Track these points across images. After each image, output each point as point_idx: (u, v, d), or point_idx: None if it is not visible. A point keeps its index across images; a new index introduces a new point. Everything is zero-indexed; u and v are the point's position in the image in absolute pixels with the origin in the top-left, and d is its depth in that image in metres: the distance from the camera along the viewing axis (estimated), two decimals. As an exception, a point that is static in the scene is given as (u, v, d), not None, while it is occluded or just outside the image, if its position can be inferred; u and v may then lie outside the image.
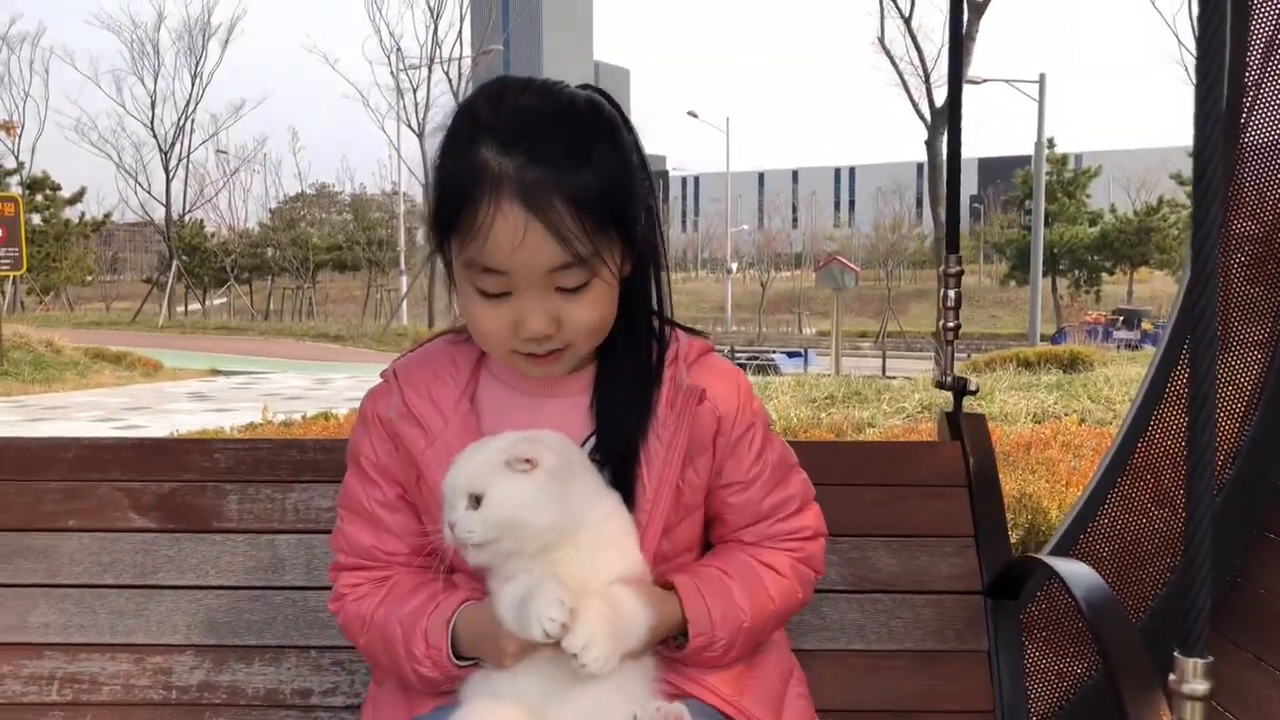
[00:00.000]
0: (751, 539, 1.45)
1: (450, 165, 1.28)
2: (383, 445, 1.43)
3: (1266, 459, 2.55)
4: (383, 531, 1.43)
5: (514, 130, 1.25)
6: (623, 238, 1.32)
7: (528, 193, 1.23)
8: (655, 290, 1.43)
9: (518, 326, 1.30)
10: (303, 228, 48.42)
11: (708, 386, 1.40)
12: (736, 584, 1.39)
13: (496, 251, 1.25)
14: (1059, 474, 5.43)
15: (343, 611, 1.45)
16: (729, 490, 1.43)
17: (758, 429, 1.45)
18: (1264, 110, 2.52)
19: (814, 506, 1.50)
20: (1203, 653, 1.09)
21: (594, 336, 1.35)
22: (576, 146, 1.27)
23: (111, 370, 18.79)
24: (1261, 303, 2.58)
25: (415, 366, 1.44)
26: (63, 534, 1.94)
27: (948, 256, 2.05)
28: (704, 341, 1.47)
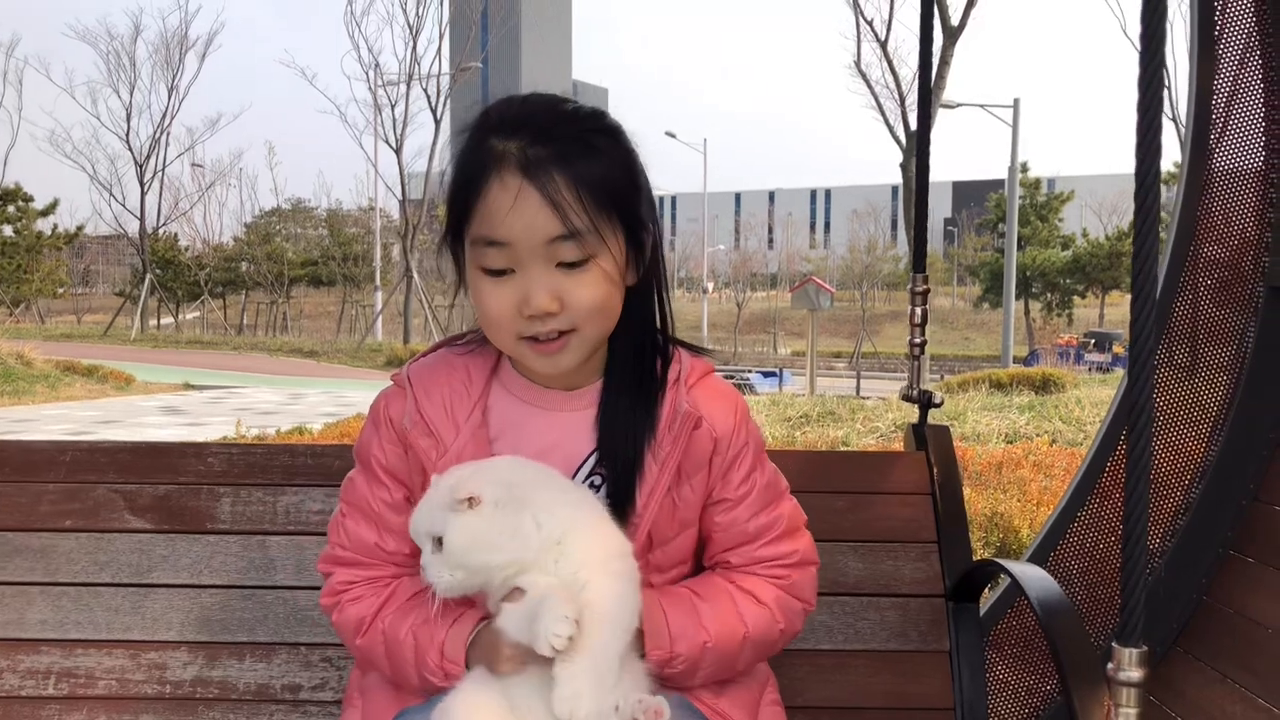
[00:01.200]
0: (738, 561, 1.49)
1: (461, 157, 1.36)
2: (393, 449, 1.46)
3: (1232, 480, 2.63)
4: (386, 531, 1.46)
5: (520, 120, 1.34)
6: (625, 231, 1.37)
7: (527, 165, 1.30)
8: (659, 307, 1.48)
9: (522, 305, 1.34)
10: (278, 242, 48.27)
11: (706, 409, 1.46)
12: (705, 605, 1.43)
13: (495, 219, 1.32)
14: (1030, 493, 5.53)
15: (339, 610, 1.46)
16: (717, 508, 1.48)
17: (749, 451, 1.50)
18: (1231, 138, 2.61)
19: (805, 534, 1.54)
20: (1138, 643, 1.18)
21: (597, 320, 1.38)
22: (580, 136, 1.34)
23: (83, 383, 18.68)
24: (1228, 326, 2.66)
25: (429, 375, 1.47)
26: (60, 534, 2.00)
27: (914, 276, 2.15)
28: (706, 362, 1.52)
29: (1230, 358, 2.65)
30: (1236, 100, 2.61)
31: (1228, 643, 2.56)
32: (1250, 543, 2.60)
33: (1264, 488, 2.60)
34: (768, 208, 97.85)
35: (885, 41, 26.08)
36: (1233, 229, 2.64)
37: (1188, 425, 2.72)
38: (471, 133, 1.37)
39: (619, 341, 1.45)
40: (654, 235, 1.43)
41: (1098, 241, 40.95)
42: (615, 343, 1.46)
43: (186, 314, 47.15)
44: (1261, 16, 2.54)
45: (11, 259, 37.95)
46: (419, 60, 35.08)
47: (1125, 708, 1.16)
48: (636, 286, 1.43)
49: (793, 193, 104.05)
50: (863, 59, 26.83)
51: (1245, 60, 2.59)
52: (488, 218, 1.33)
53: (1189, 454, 2.70)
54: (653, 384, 1.46)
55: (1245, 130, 2.59)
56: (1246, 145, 2.59)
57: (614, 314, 1.40)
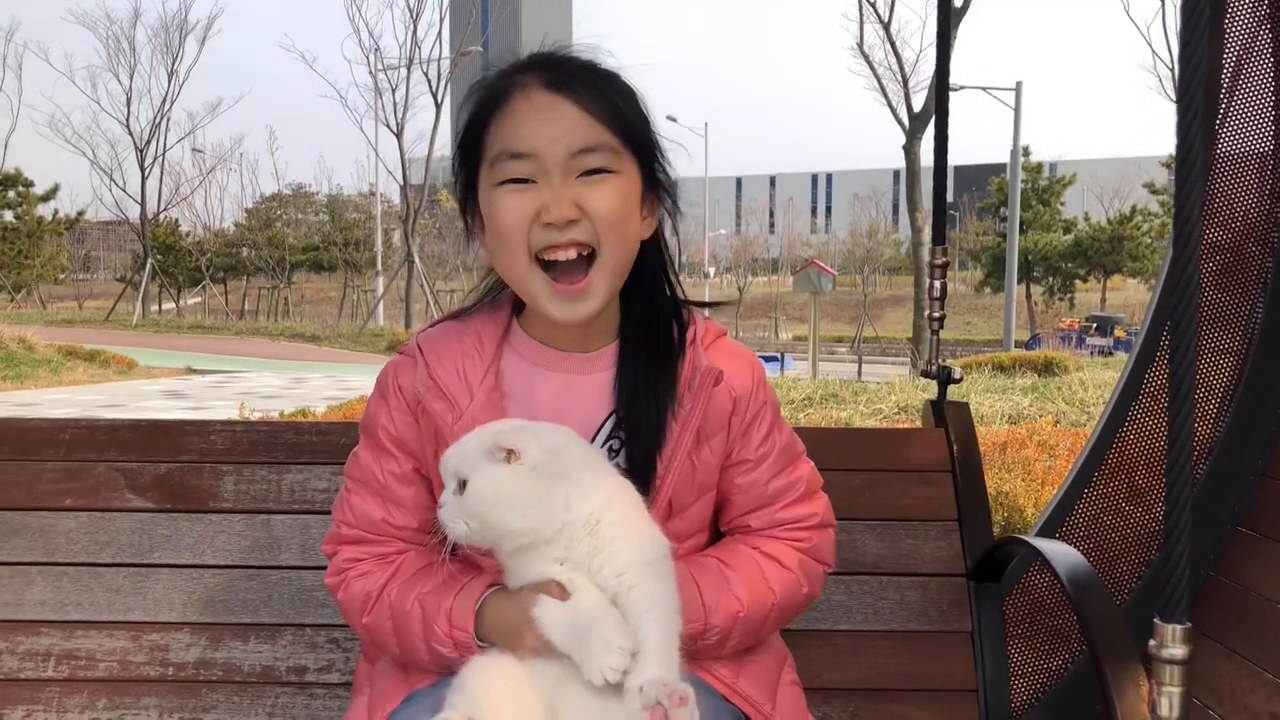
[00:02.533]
0: (759, 524, 1.46)
1: (479, 95, 1.38)
2: (402, 417, 1.43)
3: (1238, 456, 2.61)
4: (393, 505, 1.43)
5: (540, 60, 1.37)
6: (641, 165, 1.38)
7: (555, 83, 1.34)
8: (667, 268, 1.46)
9: (542, 212, 1.32)
10: (279, 228, 48.15)
11: (724, 368, 1.43)
12: (735, 574, 1.40)
13: (523, 132, 1.32)
14: (1034, 473, 5.49)
15: (344, 587, 1.42)
16: (737, 470, 1.45)
17: (768, 410, 1.47)
18: (1235, 122, 2.58)
19: (822, 496, 1.51)
20: (1182, 619, 1.14)
21: (616, 238, 1.35)
22: (598, 75, 1.37)
23: (85, 368, 18.65)
24: (1232, 310, 2.63)
25: (440, 341, 1.44)
26: (60, 513, 1.96)
27: (934, 249, 2.10)
28: (717, 324, 1.49)
29: (1234, 343, 2.62)
30: (1240, 86, 2.57)
31: (1236, 618, 2.54)
32: (1258, 518, 2.57)
33: (1272, 463, 2.57)
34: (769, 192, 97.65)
35: (888, 23, 25.92)
36: (1235, 213, 2.61)
37: (1200, 403, 2.68)
38: (485, 80, 1.38)
39: (633, 302, 1.43)
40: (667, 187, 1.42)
41: (1099, 225, 40.83)
42: (629, 303, 1.43)
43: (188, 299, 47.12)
44: None
45: (12, 244, 37.90)
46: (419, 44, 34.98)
47: (1169, 686, 1.12)
48: (648, 244, 1.42)
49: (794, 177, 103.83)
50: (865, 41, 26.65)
51: (1252, 42, 2.55)
52: (510, 132, 1.34)
53: (1196, 433, 2.67)
54: (670, 343, 1.43)
55: (1251, 112, 2.55)
56: (1253, 128, 2.55)
57: (631, 242, 1.38)
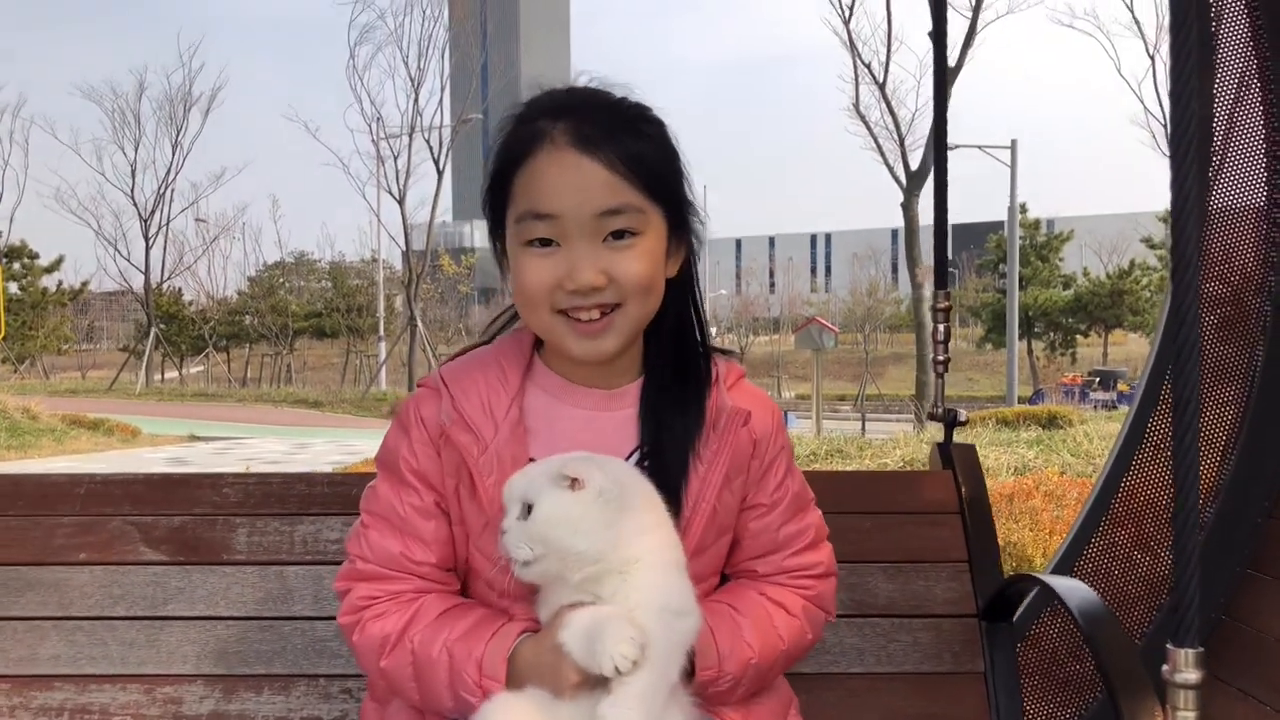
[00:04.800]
0: (766, 570, 1.47)
1: (508, 138, 1.37)
2: (424, 450, 1.41)
3: (1244, 500, 2.62)
4: (412, 539, 1.40)
5: (569, 104, 1.36)
6: (668, 215, 1.37)
7: (582, 140, 1.32)
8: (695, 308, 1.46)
9: (565, 279, 1.32)
10: (281, 295, 48.39)
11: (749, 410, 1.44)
12: (747, 621, 1.40)
13: (549, 193, 1.31)
14: (1042, 523, 5.49)
15: (360, 629, 1.39)
16: (751, 513, 1.46)
17: (784, 455, 1.48)
18: (1229, 176, 2.63)
19: (828, 545, 1.52)
20: (1194, 643, 1.15)
21: (643, 297, 1.36)
22: (626, 119, 1.36)
23: (89, 436, 18.65)
24: (1233, 361, 2.66)
25: (463, 374, 1.44)
26: (74, 567, 1.97)
27: (936, 292, 2.13)
28: (737, 366, 1.50)
29: (1237, 391, 2.65)
30: (1234, 135, 2.62)
31: (1249, 661, 2.53)
32: (1267, 561, 2.58)
33: (1279, 506, 2.58)
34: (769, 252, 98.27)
35: (883, 84, 26.28)
36: (1233, 266, 2.65)
37: (1204, 449, 2.69)
38: (516, 119, 1.37)
39: (658, 337, 1.43)
40: (695, 230, 1.42)
41: (1099, 280, 41.01)
42: (654, 340, 1.43)
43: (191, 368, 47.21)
44: (1260, 47, 2.55)
45: (17, 316, 38.07)
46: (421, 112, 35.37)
47: (1183, 711, 1.13)
48: (674, 282, 1.42)
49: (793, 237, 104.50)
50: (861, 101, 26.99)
51: (1242, 94, 2.60)
52: (536, 191, 1.33)
53: (1204, 476, 2.68)
54: (698, 380, 1.43)
55: (1245, 166, 2.60)
56: (1248, 181, 2.60)
57: (657, 295, 1.38)
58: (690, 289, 1.46)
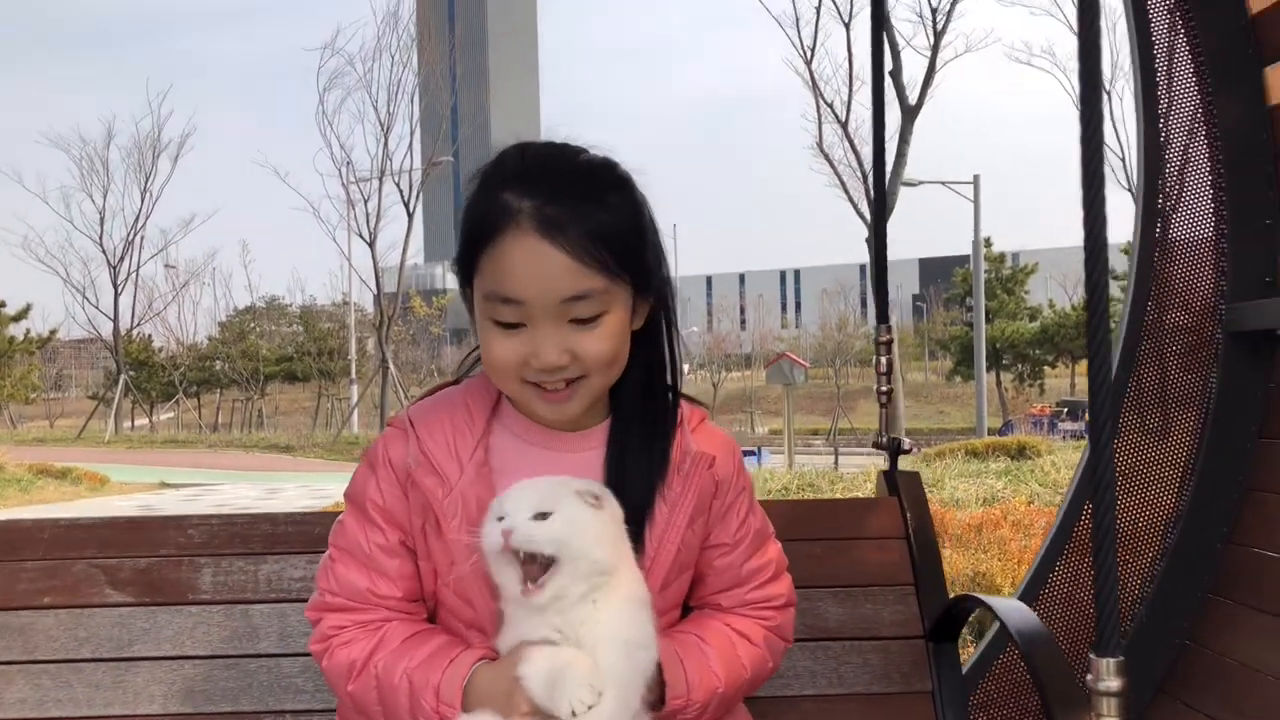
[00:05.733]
0: (729, 603, 1.52)
1: (475, 208, 1.38)
2: (391, 490, 1.45)
3: (1205, 525, 2.68)
4: (377, 575, 1.44)
5: (534, 174, 1.36)
6: (634, 282, 1.39)
7: (546, 224, 1.32)
8: (668, 350, 1.49)
9: (531, 357, 1.36)
10: (252, 340, 48.14)
11: (710, 451, 1.48)
12: (713, 651, 1.45)
13: (514, 280, 1.33)
14: (1010, 552, 5.57)
15: (329, 655, 1.44)
16: (714, 551, 1.51)
17: (746, 495, 1.54)
18: (1187, 207, 2.73)
19: (787, 576, 1.58)
20: (1115, 652, 1.21)
21: (608, 370, 1.40)
22: (592, 189, 1.36)
23: (56, 486, 18.41)
24: (1193, 389, 2.75)
25: (431, 414, 1.47)
26: (39, 611, 1.99)
27: (878, 326, 2.21)
28: (701, 409, 1.55)
29: (1194, 417, 2.73)
30: (1189, 169, 2.73)
31: (1213, 685, 2.58)
32: (1229, 585, 2.64)
33: (1238, 531, 2.65)
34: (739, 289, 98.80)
35: (845, 122, 26.62)
36: (1195, 295, 2.74)
37: (1162, 476, 2.78)
38: (484, 183, 1.39)
39: (626, 382, 1.46)
40: (663, 281, 1.44)
41: (1064, 312, 41.46)
42: (621, 384, 1.46)
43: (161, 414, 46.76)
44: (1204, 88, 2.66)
45: (-17, 365, 37.66)
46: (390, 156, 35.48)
47: (1107, 718, 1.18)
48: (642, 331, 1.45)
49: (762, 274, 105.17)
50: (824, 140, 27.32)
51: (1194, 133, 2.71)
52: (501, 275, 1.34)
53: (1161, 506, 2.75)
54: (664, 424, 1.47)
55: (1198, 199, 2.70)
56: (1200, 214, 2.70)
57: (621, 362, 1.42)
58: (658, 337, 1.48)
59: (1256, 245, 2.64)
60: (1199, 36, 2.62)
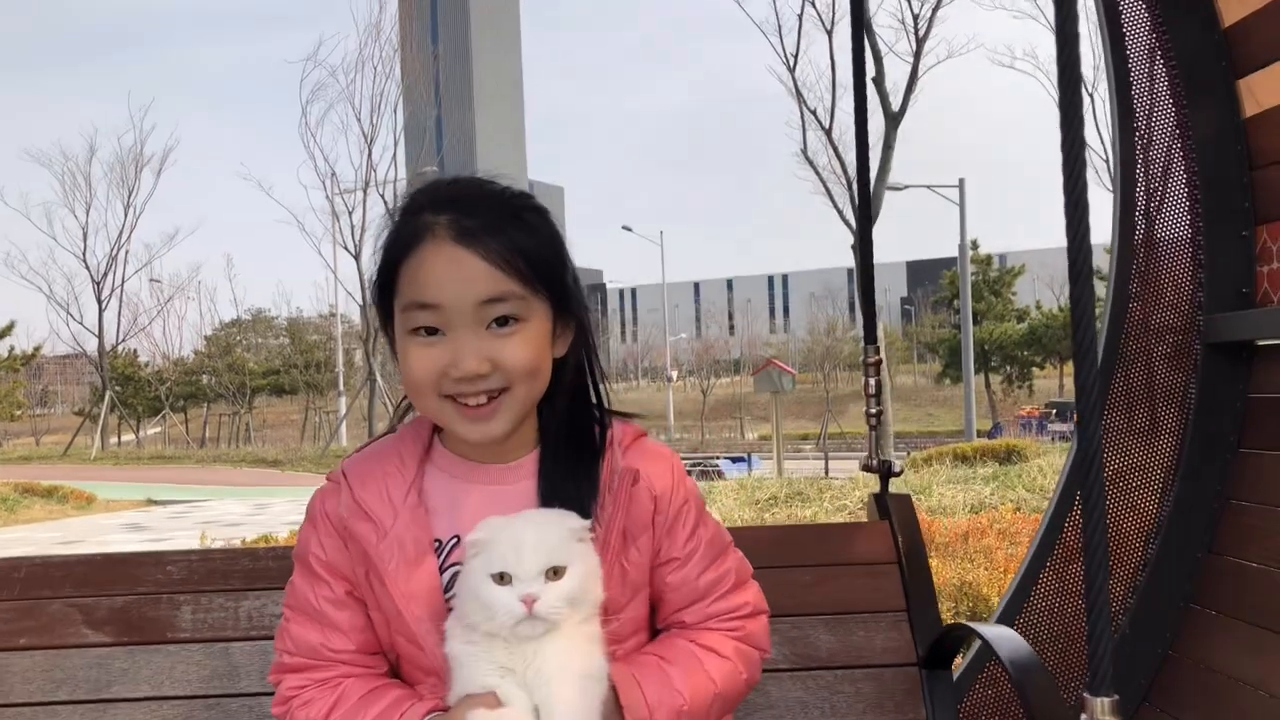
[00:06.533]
0: (693, 619, 1.49)
1: (393, 234, 1.41)
2: (331, 542, 1.46)
3: (1185, 534, 2.68)
4: (329, 629, 1.45)
5: (451, 197, 1.40)
6: (553, 299, 1.41)
7: (461, 232, 1.36)
8: (591, 378, 1.51)
9: (450, 367, 1.37)
10: (239, 353, 48.01)
11: (642, 468, 1.47)
12: (674, 669, 1.42)
13: (431, 285, 1.35)
14: (997, 561, 5.55)
15: (289, 717, 1.44)
16: (667, 568, 1.48)
17: (691, 506, 1.51)
18: (1170, 207, 2.72)
19: (753, 584, 1.55)
20: (1109, 691, 1.19)
21: (530, 381, 1.40)
22: (507, 209, 1.40)
23: (42, 504, 18.31)
24: (1178, 391, 2.74)
25: (362, 464, 1.49)
26: (14, 653, 1.95)
27: (865, 348, 2.18)
28: (636, 426, 1.54)
29: (1177, 423, 2.72)
30: (1172, 173, 2.72)
31: (1196, 694, 2.57)
32: (1210, 595, 2.63)
33: (1218, 540, 2.64)
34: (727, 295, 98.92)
35: (830, 129, 26.65)
36: (1181, 294, 2.73)
37: (1144, 485, 2.77)
38: (401, 213, 1.42)
39: (551, 411, 1.47)
40: (581, 309, 1.46)
41: (1051, 313, 41.62)
42: (548, 411, 1.47)
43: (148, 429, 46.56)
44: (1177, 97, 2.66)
45: (-33, 383, 37.42)
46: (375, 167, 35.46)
47: (1101, 759, 1.16)
48: (565, 358, 1.46)
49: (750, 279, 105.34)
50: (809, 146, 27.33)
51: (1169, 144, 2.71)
52: (419, 282, 1.36)
53: (1144, 512, 2.74)
54: (591, 447, 1.47)
55: (1174, 211, 2.70)
56: (1176, 226, 2.70)
57: (544, 378, 1.43)
58: (582, 364, 1.50)
59: (1232, 256, 2.63)
60: (1173, 48, 2.62)
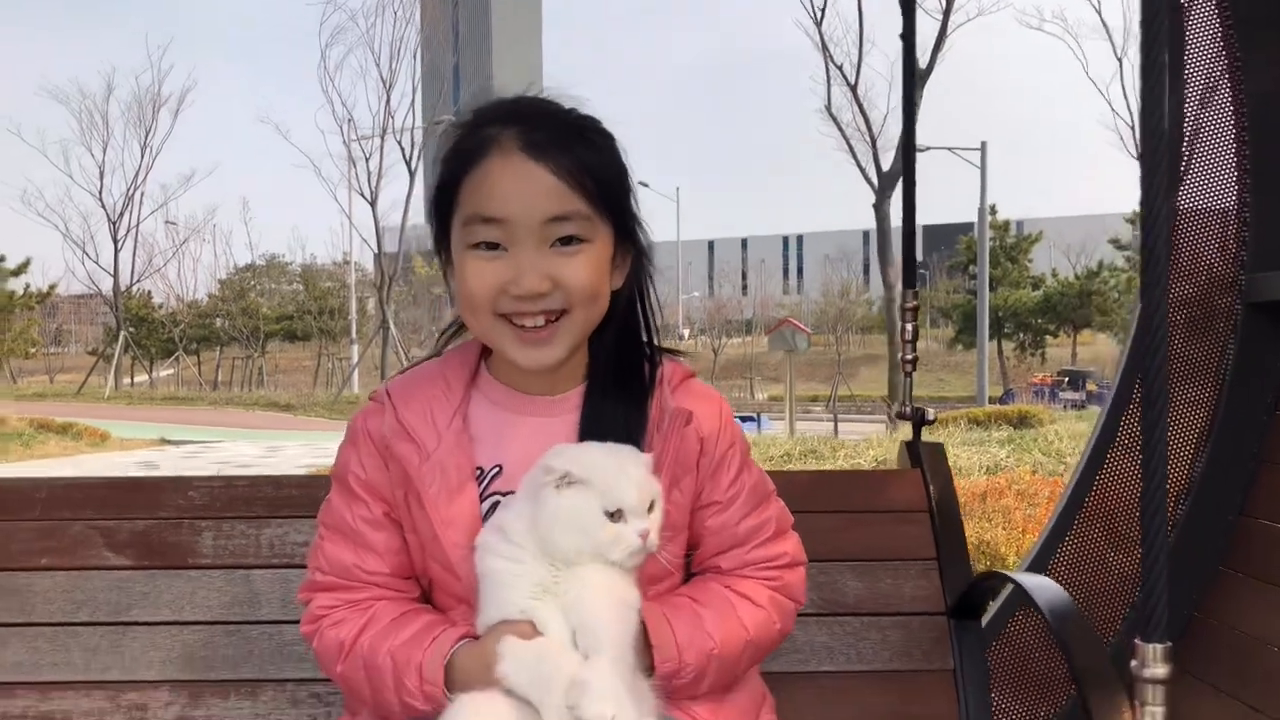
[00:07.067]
0: (729, 565, 1.46)
1: (456, 145, 1.37)
2: (371, 462, 1.44)
3: (1216, 497, 2.64)
4: (364, 550, 1.43)
5: (517, 112, 1.37)
6: (616, 225, 1.38)
7: (530, 144, 1.32)
8: (643, 311, 1.47)
9: (510, 284, 1.34)
10: (253, 298, 48.09)
11: (692, 409, 1.44)
12: (707, 612, 1.40)
13: (497, 197, 1.32)
14: (1015, 521, 5.53)
15: (319, 636, 1.43)
16: (707, 511, 1.46)
17: (736, 451, 1.48)
18: (1195, 178, 2.66)
19: (792, 534, 1.52)
20: (1162, 638, 1.16)
21: (589, 304, 1.38)
22: (574, 127, 1.37)
23: (57, 441, 18.44)
24: (1202, 360, 2.69)
25: (408, 386, 1.47)
26: (36, 573, 1.94)
27: (905, 292, 2.14)
28: (685, 366, 1.51)
29: (1207, 390, 2.68)
30: (1201, 137, 2.65)
31: (1221, 657, 2.56)
32: (1239, 558, 2.61)
33: (1250, 503, 2.61)
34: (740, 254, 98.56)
35: (855, 85, 26.38)
36: (1200, 266, 2.68)
37: (1176, 444, 2.72)
38: (465, 125, 1.38)
39: (602, 343, 1.44)
40: (642, 238, 1.43)
41: (1067, 281, 41.38)
42: (598, 345, 1.45)
43: (160, 371, 46.82)
44: (1230, 46, 2.58)
45: (-18, 319, 37.65)
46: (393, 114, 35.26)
47: (1151, 705, 1.13)
48: (619, 291, 1.43)
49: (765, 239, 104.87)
50: (833, 103, 27.08)
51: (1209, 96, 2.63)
52: (485, 194, 1.33)
53: (1175, 472, 2.71)
54: (640, 384, 1.44)
55: (1213, 167, 2.63)
56: (1217, 182, 2.63)
57: (602, 304, 1.40)
58: (636, 299, 1.47)
59: (1278, 215, 2.57)
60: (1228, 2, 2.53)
